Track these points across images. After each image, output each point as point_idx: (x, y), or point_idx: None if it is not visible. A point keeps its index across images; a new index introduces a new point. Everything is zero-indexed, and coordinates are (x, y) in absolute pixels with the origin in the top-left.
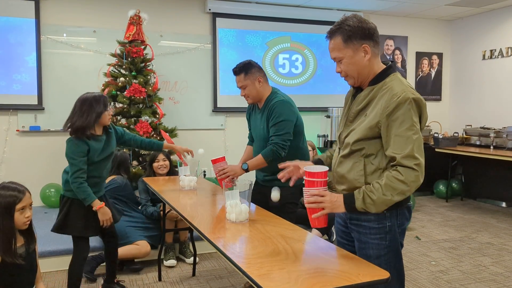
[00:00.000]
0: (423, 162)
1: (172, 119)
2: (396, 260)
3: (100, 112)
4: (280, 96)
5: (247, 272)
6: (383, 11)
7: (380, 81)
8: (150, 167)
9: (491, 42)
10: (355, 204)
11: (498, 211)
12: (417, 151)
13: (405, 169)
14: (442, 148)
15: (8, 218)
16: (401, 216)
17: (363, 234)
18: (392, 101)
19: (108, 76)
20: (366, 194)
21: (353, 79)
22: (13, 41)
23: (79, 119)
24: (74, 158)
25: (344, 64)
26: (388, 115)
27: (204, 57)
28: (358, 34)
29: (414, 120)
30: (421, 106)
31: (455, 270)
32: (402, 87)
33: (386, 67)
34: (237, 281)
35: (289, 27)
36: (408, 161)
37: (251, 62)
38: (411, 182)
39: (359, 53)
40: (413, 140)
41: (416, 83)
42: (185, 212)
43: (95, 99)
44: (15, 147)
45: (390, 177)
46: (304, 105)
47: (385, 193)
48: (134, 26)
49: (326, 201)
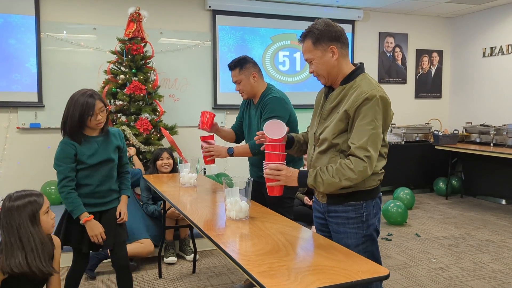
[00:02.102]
0: (374, 155)
1: (172, 116)
2: (373, 248)
3: (81, 114)
4: (274, 92)
5: (247, 269)
6: (383, 8)
7: (351, 81)
8: (154, 165)
9: (491, 40)
10: (307, 180)
11: (497, 209)
12: (370, 144)
13: (355, 159)
14: (442, 146)
15: (36, 225)
16: (375, 206)
17: (341, 225)
18: (360, 97)
19: (108, 74)
20: (319, 173)
21: (324, 78)
22: (13, 39)
23: (65, 120)
24: (60, 165)
25: (314, 64)
26: (356, 109)
27: (204, 54)
28: (326, 36)
29: (376, 116)
30: (386, 105)
31: (455, 267)
32: (370, 85)
33: (356, 68)
34: (237, 278)
35: (289, 24)
36: (359, 152)
37: (246, 58)
38: (359, 171)
39: (327, 54)
40: (369, 133)
41: (416, 80)
42: (185, 210)
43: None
44: (15, 145)
45: (342, 164)
46: (304, 102)
47: (334, 176)
48: (134, 23)
49: (282, 175)
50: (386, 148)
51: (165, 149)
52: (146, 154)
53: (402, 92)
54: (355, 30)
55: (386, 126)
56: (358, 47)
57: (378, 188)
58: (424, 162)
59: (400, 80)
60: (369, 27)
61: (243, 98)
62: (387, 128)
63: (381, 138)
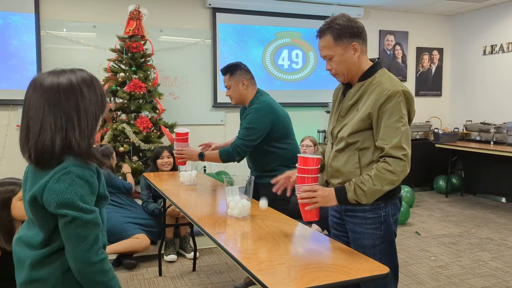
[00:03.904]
0: (409, 153)
1: (172, 114)
2: (390, 249)
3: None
4: (258, 103)
5: (247, 267)
6: (383, 6)
7: (370, 77)
8: (154, 163)
9: (491, 38)
10: (347, 196)
11: (497, 207)
12: (404, 142)
13: (393, 160)
14: (442, 144)
15: (5, 210)
16: (394, 206)
17: (358, 225)
18: (383, 94)
19: (108, 71)
20: (357, 185)
21: (343, 76)
22: (13, 37)
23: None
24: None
25: (334, 62)
26: (379, 107)
27: (204, 52)
28: (348, 32)
29: (403, 112)
30: (409, 99)
31: (455, 265)
32: (392, 81)
33: (374, 63)
34: (237, 276)
35: (290, 22)
36: (395, 152)
37: (239, 64)
38: (399, 172)
39: (349, 51)
40: (401, 131)
41: (417, 78)
42: (185, 207)
43: None
44: (16, 143)
45: (379, 168)
46: (304, 100)
47: (375, 184)
48: (134, 21)
49: (318, 196)
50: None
51: (166, 148)
52: (146, 152)
53: None
54: None
55: (410, 121)
56: None
57: (398, 188)
58: (424, 160)
59: (401, 78)
60: (370, 25)
61: (232, 103)
62: (411, 123)
63: (410, 133)
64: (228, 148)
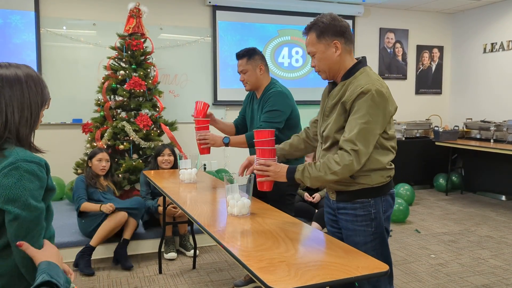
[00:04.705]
0: (362, 150)
1: (172, 112)
2: (382, 246)
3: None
4: (278, 87)
5: (247, 265)
6: (384, 4)
7: (351, 76)
8: (154, 161)
9: (492, 36)
10: (295, 175)
11: (497, 205)
12: (359, 138)
13: (341, 152)
14: (442, 142)
15: None
16: (385, 203)
17: (350, 222)
18: (355, 91)
19: (108, 69)
20: (306, 168)
21: (324, 73)
22: (13, 34)
23: None
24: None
25: (316, 58)
26: (351, 103)
27: (204, 50)
28: (330, 30)
29: (370, 111)
30: (382, 98)
31: (455, 263)
32: (367, 79)
33: (357, 62)
34: (237, 274)
35: (290, 20)
36: (346, 145)
37: (255, 49)
38: (344, 165)
39: (330, 48)
40: (359, 127)
41: (417, 76)
42: (185, 205)
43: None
44: None
45: (329, 157)
46: (305, 98)
47: (320, 170)
48: (134, 19)
49: (270, 170)
50: (393, 141)
51: (167, 146)
52: (146, 150)
53: (403, 88)
54: (356, 26)
55: (385, 120)
56: (358, 43)
57: (389, 185)
58: (424, 158)
59: (401, 76)
60: (370, 23)
61: (246, 88)
62: (388, 121)
63: (375, 133)
64: (252, 132)
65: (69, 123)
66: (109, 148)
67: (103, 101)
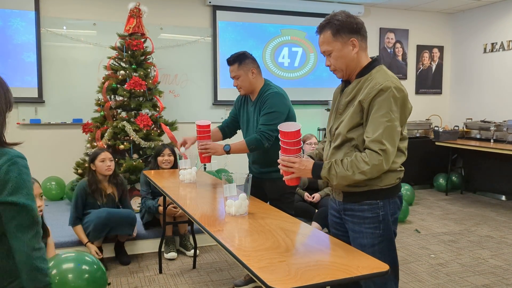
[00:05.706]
0: (390, 149)
1: (172, 112)
2: (390, 248)
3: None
4: (273, 88)
5: (247, 265)
6: (384, 4)
7: (367, 73)
8: (155, 161)
9: (492, 35)
10: (321, 172)
11: (497, 205)
12: (385, 137)
13: (370, 152)
14: (442, 142)
15: None
16: (393, 205)
17: (357, 224)
18: (374, 89)
19: (108, 69)
20: (333, 166)
21: (341, 72)
22: (13, 34)
23: None
24: None
25: (333, 57)
26: (370, 101)
27: (204, 50)
28: (347, 28)
29: (392, 108)
30: (402, 95)
31: (455, 263)
32: (385, 77)
33: (372, 60)
34: (237, 274)
35: (290, 19)
36: (374, 145)
37: (245, 53)
38: (373, 165)
39: (348, 46)
40: (384, 126)
41: (417, 76)
42: (185, 205)
43: None
44: (16, 140)
45: (357, 156)
46: (304, 98)
47: (348, 169)
48: (134, 19)
49: (295, 167)
50: (405, 142)
51: (167, 146)
52: (146, 150)
53: None
54: None
55: (404, 118)
56: None
57: (398, 187)
58: (424, 158)
59: (401, 76)
60: (370, 22)
61: (241, 93)
62: (405, 120)
63: (398, 131)
64: (254, 136)
65: (69, 123)
66: (109, 148)
67: (103, 101)
